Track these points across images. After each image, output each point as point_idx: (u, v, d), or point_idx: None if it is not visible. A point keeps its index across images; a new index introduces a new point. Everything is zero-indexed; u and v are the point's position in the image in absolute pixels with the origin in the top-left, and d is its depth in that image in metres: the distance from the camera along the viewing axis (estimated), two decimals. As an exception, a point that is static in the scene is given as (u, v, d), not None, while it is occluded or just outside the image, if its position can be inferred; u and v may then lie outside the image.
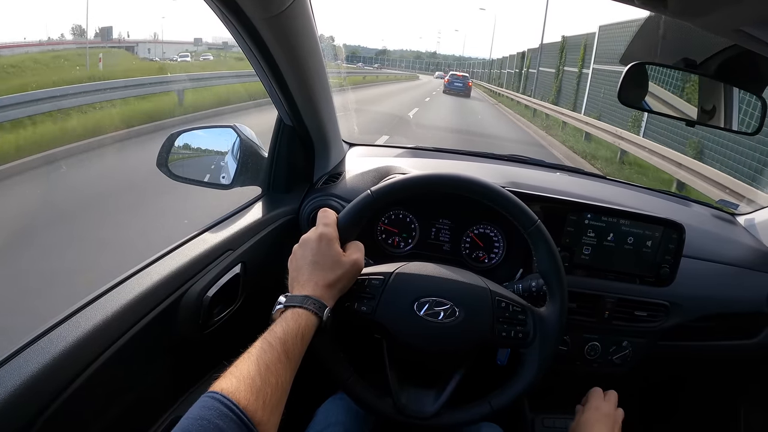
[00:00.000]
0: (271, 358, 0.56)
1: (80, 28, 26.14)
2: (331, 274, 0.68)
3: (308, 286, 0.67)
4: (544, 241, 0.76)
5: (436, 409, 0.75)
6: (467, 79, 22.86)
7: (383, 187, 0.77)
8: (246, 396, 0.51)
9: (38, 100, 5.58)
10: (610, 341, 1.06)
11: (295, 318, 0.62)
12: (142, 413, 0.77)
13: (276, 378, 0.54)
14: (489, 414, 0.76)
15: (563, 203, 1.02)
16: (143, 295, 0.72)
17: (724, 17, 0.52)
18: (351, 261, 0.70)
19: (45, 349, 0.58)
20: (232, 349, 0.97)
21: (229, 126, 1.07)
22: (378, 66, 56.98)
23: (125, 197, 3.94)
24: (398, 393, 0.76)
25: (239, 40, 0.81)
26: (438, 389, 0.78)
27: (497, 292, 0.77)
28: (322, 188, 1.13)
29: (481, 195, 0.78)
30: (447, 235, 1.10)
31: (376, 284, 0.75)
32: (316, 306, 0.64)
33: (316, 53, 0.92)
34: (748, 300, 1.10)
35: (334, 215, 0.74)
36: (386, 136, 7.44)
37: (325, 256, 0.69)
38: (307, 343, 0.62)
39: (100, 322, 0.65)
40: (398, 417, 0.75)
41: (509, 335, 0.75)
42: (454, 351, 0.76)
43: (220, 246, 0.88)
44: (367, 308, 0.74)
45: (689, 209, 1.35)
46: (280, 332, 0.59)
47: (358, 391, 0.76)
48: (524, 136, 11.25)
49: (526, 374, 0.76)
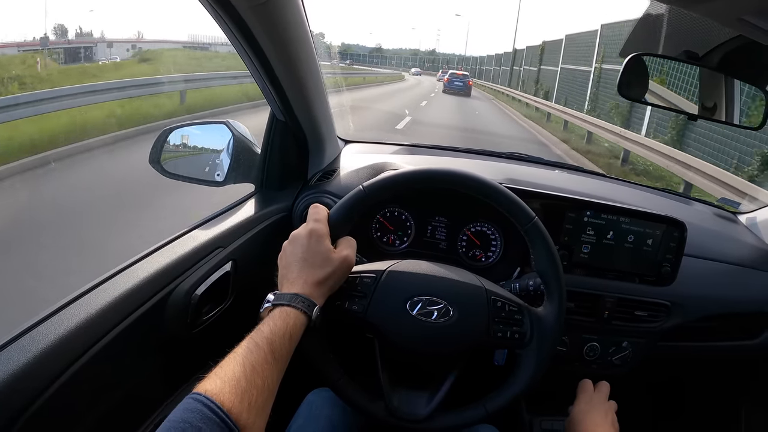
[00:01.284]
0: (257, 358, 0.54)
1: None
2: (321, 271, 0.66)
3: (297, 283, 0.65)
4: (542, 239, 0.74)
5: (429, 411, 0.73)
6: (467, 77, 22.80)
7: (376, 182, 0.75)
8: (230, 398, 0.49)
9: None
10: (609, 342, 1.04)
11: (283, 317, 0.61)
12: (129, 412, 0.76)
13: (262, 379, 0.53)
14: (484, 417, 0.74)
15: (562, 200, 1.00)
16: (129, 292, 0.70)
17: (726, 5, 0.50)
18: (341, 258, 0.68)
19: (27, 347, 0.57)
20: (221, 348, 0.96)
21: (222, 122, 1.06)
22: (349, 62, 54.21)
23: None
24: (390, 395, 0.74)
25: (227, 31, 0.79)
26: (431, 391, 0.76)
27: (493, 291, 0.75)
28: (316, 185, 1.12)
29: (477, 191, 0.76)
30: (443, 233, 1.08)
31: (368, 282, 0.73)
32: (304, 304, 0.63)
33: (306, 44, 0.90)
34: (750, 300, 1.09)
35: (325, 211, 0.72)
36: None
37: (315, 253, 0.67)
38: (295, 342, 0.61)
39: (85, 320, 0.63)
40: (390, 420, 0.73)
41: (505, 336, 0.73)
42: (448, 352, 0.74)
43: (210, 243, 0.87)
44: (359, 307, 0.72)
45: (690, 207, 1.33)
46: (267, 332, 0.58)
47: (349, 393, 0.74)
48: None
49: (523, 376, 0.74)
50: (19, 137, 4.97)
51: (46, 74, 9.42)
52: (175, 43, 23.15)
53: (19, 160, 4.53)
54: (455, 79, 22.19)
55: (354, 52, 75.83)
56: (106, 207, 3.67)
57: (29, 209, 3.68)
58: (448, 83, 22.03)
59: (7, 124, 5.02)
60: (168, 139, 1.03)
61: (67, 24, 26.88)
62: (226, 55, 14.63)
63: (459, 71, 25.36)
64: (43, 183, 4.47)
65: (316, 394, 0.85)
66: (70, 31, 22.67)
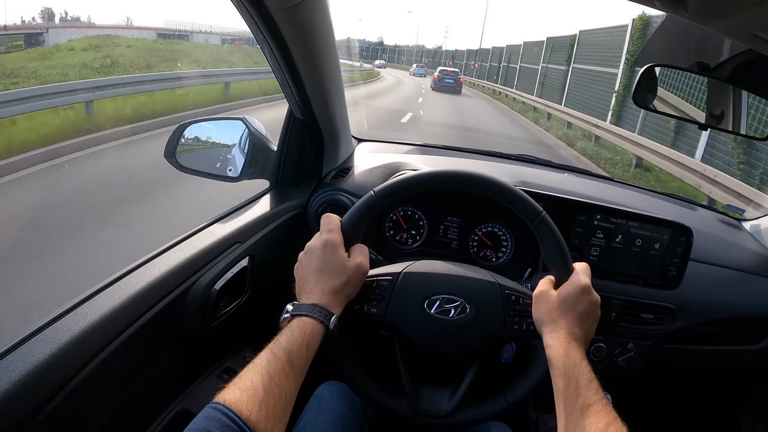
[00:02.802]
0: (275, 368, 0.56)
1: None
2: (337, 280, 0.69)
3: (314, 293, 0.67)
4: (550, 231, 0.75)
5: (452, 406, 0.75)
6: (458, 74, 21.54)
7: (386, 187, 0.76)
8: (248, 407, 0.51)
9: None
10: (615, 343, 1.06)
11: (300, 327, 0.63)
12: (148, 404, 0.77)
13: (280, 388, 0.55)
14: (506, 409, 0.75)
15: (574, 204, 1.02)
16: (150, 286, 0.72)
17: (742, 22, 0.52)
18: (355, 265, 0.70)
19: (50, 339, 0.58)
20: (237, 342, 0.98)
21: (238, 118, 1.07)
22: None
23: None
24: (413, 393, 0.76)
25: (254, 29, 0.81)
26: (453, 386, 0.78)
27: (507, 286, 0.77)
28: (330, 183, 1.13)
29: (486, 190, 0.78)
30: (455, 233, 1.10)
31: (385, 285, 0.75)
32: (322, 314, 0.65)
33: (331, 46, 0.92)
34: (753, 305, 1.10)
35: (337, 220, 0.74)
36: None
37: (330, 262, 0.69)
38: (313, 351, 0.63)
39: (107, 313, 0.65)
40: (415, 417, 0.75)
41: (521, 328, 0.75)
42: (466, 347, 0.76)
43: (228, 239, 0.88)
44: (378, 310, 0.74)
45: (695, 213, 1.35)
46: (284, 342, 0.60)
47: (373, 393, 0.76)
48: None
49: (540, 365, 0.74)
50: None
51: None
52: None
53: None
54: (446, 76, 20.87)
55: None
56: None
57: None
58: (438, 80, 20.67)
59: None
60: (184, 134, 1.04)
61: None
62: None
63: (449, 68, 23.50)
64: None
65: (326, 387, 0.87)
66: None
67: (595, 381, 0.62)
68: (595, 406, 0.58)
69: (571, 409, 0.60)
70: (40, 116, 5.68)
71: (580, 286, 0.71)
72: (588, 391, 0.60)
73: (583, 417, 0.58)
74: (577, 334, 0.68)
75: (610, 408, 0.59)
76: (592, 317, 0.71)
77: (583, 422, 0.58)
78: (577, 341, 0.67)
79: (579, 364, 0.64)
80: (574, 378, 0.62)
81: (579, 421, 0.58)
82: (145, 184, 4.03)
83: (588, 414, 0.58)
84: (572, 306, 0.70)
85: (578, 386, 0.61)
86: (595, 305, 0.72)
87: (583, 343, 0.69)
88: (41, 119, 5.64)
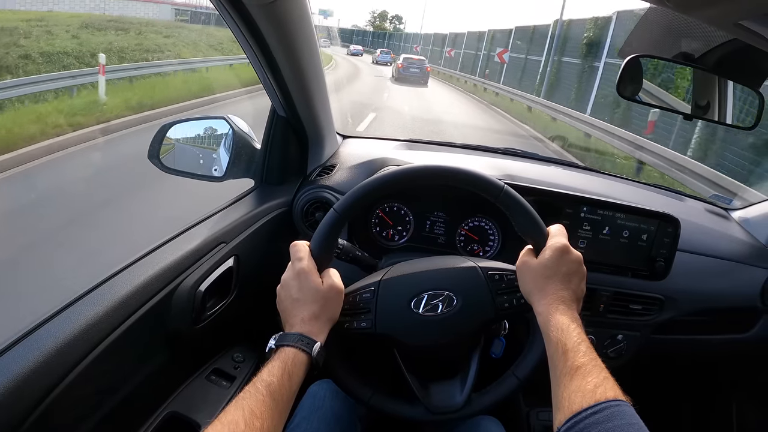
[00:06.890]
0: (255, 402, 0.57)
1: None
2: (314, 305, 0.69)
3: (296, 323, 0.68)
4: (517, 203, 0.74)
5: (465, 397, 0.74)
6: (424, 63, 18.64)
7: (345, 201, 0.75)
8: None
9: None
10: (605, 334, 1.07)
11: (281, 358, 0.63)
12: (136, 407, 0.77)
13: (261, 422, 0.56)
14: (518, 386, 0.74)
15: (560, 196, 1.02)
16: (135, 289, 0.71)
17: (725, 11, 0.51)
18: (328, 287, 0.70)
19: (35, 346, 0.58)
20: (225, 343, 0.97)
21: (221, 117, 1.06)
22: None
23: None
24: (424, 394, 0.75)
25: (233, 26, 0.80)
26: (461, 377, 0.77)
27: (487, 267, 0.76)
28: (315, 180, 1.12)
29: (443, 178, 0.77)
30: (442, 228, 1.10)
31: (368, 297, 0.75)
32: (303, 343, 0.65)
33: (311, 42, 0.91)
34: (742, 294, 1.11)
35: (305, 247, 0.73)
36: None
37: (304, 290, 0.69)
38: (297, 381, 0.63)
39: (92, 318, 0.64)
40: (433, 418, 0.74)
41: (512, 304, 0.74)
42: (463, 337, 0.76)
43: (212, 239, 0.88)
44: (367, 323, 0.74)
45: (683, 203, 1.36)
46: (266, 375, 0.61)
47: (385, 406, 0.75)
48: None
49: (540, 337, 0.72)
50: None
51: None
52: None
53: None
54: (411, 65, 18.07)
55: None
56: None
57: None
58: (403, 69, 17.83)
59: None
60: (167, 135, 1.02)
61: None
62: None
63: (414, 56, 20.54)
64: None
65: (318, 385, 0.87)
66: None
67: (584, 343, 0.60)
68: (582, 368, 0.57)
69: (560, 374, 0.59)
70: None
71: (558, 247, 0.70)
72: (576, 354, 0.59)
73: (571, 380, 0.56)
74: (564, 296, 0.67)
75: (601, 368, 0.57)
76: (578, 275, 0.71)
77: (570, 385, 0.56)
78: (564, 304, 0.66)
79: (566, 327, 0.63)
80: (561, 342, 0.61)
81: (567, 384, 0.57)
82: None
83: (576, 376, 0.56)
84: (555, 269, 0.69)
85: (566, 350, 0.60)
86: (578, 263, 0.71)
87: (574, 303, 0.68)
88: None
